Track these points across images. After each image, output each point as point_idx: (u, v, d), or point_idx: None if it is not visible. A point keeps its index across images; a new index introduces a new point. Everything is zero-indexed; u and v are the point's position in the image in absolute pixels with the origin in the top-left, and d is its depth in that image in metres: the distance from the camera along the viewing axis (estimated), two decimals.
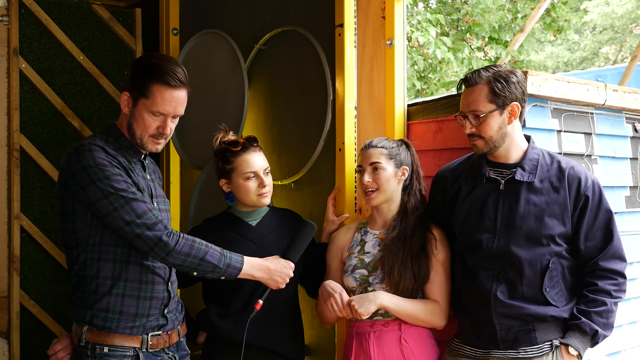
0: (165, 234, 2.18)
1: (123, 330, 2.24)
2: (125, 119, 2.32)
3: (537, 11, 8.17)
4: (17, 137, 3.72)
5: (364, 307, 2.43)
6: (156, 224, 2.18)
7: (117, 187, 2.17)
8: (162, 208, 2.38)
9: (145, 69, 2.27)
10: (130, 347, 2.24)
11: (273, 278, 2.41)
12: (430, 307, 2.52)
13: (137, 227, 2.16)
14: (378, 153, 2.58)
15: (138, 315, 2.26)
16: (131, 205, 2.17)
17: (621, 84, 7.17)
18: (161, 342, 2.31)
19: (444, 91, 8.90)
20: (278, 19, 3.37)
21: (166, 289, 2.33)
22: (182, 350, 2.45)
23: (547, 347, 2.36)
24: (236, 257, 2.33)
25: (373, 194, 2.57)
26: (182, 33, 3.84)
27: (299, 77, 3.27)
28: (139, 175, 2.32)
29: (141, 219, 2.16)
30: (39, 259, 3.78)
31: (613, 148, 3.07)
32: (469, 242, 2.47)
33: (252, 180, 2.64)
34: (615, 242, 2.40)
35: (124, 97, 2.29)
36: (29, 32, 3.80)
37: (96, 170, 2.17)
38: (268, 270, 2.40)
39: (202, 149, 3.60)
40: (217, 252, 2.28)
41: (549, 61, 17.34)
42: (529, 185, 2.40)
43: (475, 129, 2.40)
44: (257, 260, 2.40)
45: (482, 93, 2.37)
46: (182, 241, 2.21)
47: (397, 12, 2.89)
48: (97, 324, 2.23)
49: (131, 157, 2.32)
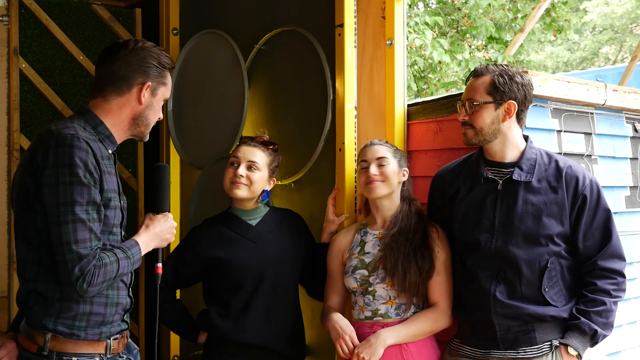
0: (89, 271, 2.02)
1: (92, 337, 2.14)
2: (129, 109, 2.20)
3: (537, 11, 8.18)
4: (17, 137, 3.73)
5: (375, 356, 2.45)
6: (87, 257, 2.01)
7: (75, 199, 2.01)
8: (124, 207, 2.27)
9: (161, 58, 2.24)
10: (95, 354, 2.15)
11: (164, 238, 2.29)
12: (432, 316, 2.52)
13: (70, 252, 2.00)
14: (384, 149, 2.63)
15: (105, 322, 2.16)
16: (76, 226, 2.01)
17: (621, 84, 7.18)
18: (121, 346, 2.25)
19: (443, 91, 8.90)
20: (278, 19, 3.37)
21: (128, 295, 2.26)
22: (134, 349, 2.40)
23: (546, 347, 2.36)
24: (134, 249, 2.19)
25: (376, 183, 2.57)
26: (182, 33, 3.84)
27: (299, 77, 3.27)
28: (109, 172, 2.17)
29: (77, 245, 2.00)
30: None
31: (613, 148, 3.08)
32: (467, 243, 2.47)
33: (232, 166, 2.69)
34: (614, 241, 2.40)
35: (145, 87, 2.19)
36: (29, 32, 3.80)
37: (67, 172, 2.02)
38: (156, 235, 2.27)
39: (202, 149, 3.60)
40: (124, 260, 2.14)
41: (549, 61, 17.35)
42: (526, 185, 2.40)
43: (468, 117, 2.41)
44: (144, 235, 2.25)
45: (483, 84, 2.40)
46: (96, 273, 2.04)
47: (397, 12, 2.89)
48: (63, 331, 2.09)
49: (107, 148, 2.19)
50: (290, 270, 2.73)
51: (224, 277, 2.66)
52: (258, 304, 2.65)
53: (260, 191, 2.71)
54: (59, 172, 2.02)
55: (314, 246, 2.82)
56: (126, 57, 2.20)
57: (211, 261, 2.64)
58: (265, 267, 2.65)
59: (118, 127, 2.20)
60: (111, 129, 2.19)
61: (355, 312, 2.61)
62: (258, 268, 2.65)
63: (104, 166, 2.11)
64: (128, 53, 2.20)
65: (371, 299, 2.55)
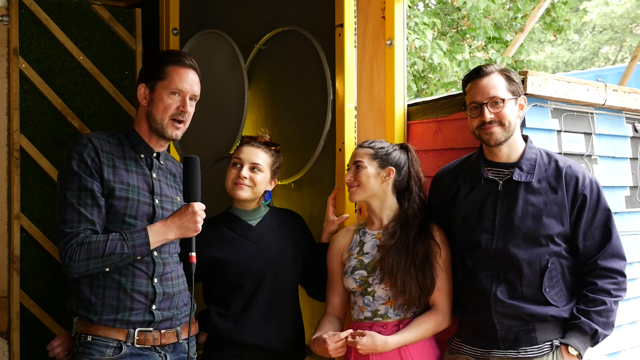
0: (70, 247, 2.20)
1: (106, 322, 2.27)
2: (143, 112, 2.41)
3: (537, 11, 8.18)
4: (17, 137, 3.72)
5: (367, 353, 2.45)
6: (70, 234, 2.22)
7: (68, 186, 2.25)
8: (165, 207, 2.40)
9: (156, 58, 2.42)
10: (114, 339, 2.27)
11: (186, 227, 2.31)
12: (435, 319, 2.51)
13: (59, 232, 2.24)
14: (363, 153, 2.61)
15: (120, 307, 2.28)
16: (65, 208, 2.24)
17: (621, 84, 7.18)
18: (150, 339, 2.31)
19: (443, 91, 8.90)
20: (278, 19, 3.37)
21: (151, 284, 2.32)
22: (181, 353, 2.42)
23: (547, 347, 2.36)
24: (138, 234, 2.27)
25: (352, 188, 2.61)
26: (182, 33, 3.84)
27: (299, 77, 3.27)
28: (135, 171, 2.36)
29: (64, 224, 2.23)
30: (39, 259, 3.77)
31: (613, 148, 3.08)
32: (468, 243, 2.47)
33: (235, 167, 2.68)
34: (614, 240, 2.40)
35: (140, 89, 2.39)
36: (29, 32, 3.79)
37: (65, 164, 2.28)
38: (176, 224, 2.32)
39: (202, 149, 3.60)
40: (117, 241, 2.24)
41: (549, 61, 17.35)
42: (527, 186, 2.40)
43: (494, 115, 2.38)
44: (159, 224, 2.32)
45: (500, 81, 2.39)
46: (78, 249, 2.21)
47: (397, 12, 2.89)
48: (83, 315, 2.28)
49: (139, 153, 2.40)
50: (290, 271, 2.73)
51: (224, 278, 2.66)
52: (258, 305, 2.65)
53: (262, 192, 2.72)
54: (62, 167, 2.30)
55: (314, 246, 2.82)
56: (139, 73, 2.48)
57: (211, 261, 2.64)
58: (265, 268, 2.65)
59: (145, 132, 2.42)
60: (142, 135, 2.42)
61: (355, 313, 2.61)
62: (258, 268, 2.65)
63: (110, 161, 2.31)
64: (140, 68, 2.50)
65: (371, 300, 2.55)
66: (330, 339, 2.45)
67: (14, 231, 3.69)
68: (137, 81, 2.43)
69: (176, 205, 2.45)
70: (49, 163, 3.79)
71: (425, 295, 2.50)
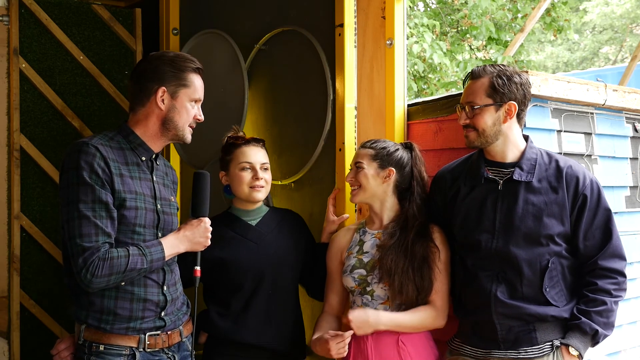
0: (92, 262, 2.14)
1: (118, 331, 2.25)
2: (153, 115, 2.34)
3: (537, 11, 8.19)
4: (17, 137, 3.72)
5: (362, 330, 2.46)
6: (90, 249, 2.15)
7: (80, 198, 2.17)
8: (165, 211, 2.38)
9: (176, 62, 2.35)
10: (126, 346, 2.26)
11: (197, 242, 2.36)
12: (428, 312, 2.51)
13: (75, 246, 2.15)
14: (363, 153, 2.61)
15: (132, 317, 2.26)
16: (80, 222, 2.16)
17: (621, 84, 7.18)
18: (159, 342, 2.32)
19: (443, 91, 8.90)
20: (278, 19, 3.37)
21: (161, 292, 2.33)
22: (184, 351, 2.44)
23: (547, 347, 2.36)
24: (155, 248, 2.27)
25: (354, 191, 2.62)
26: (182, 33, 3.85)
27: (299, 77, 3.28)
28: (139, 177, 2.32)
29: (81, 239, 2.15)
30: (39, 259, 3.78)
31: (613, 148, 3.08)
32: (468, 243, 2.47)
33: (247, 171, 2.67)
34: (615, 240, 2.40)
35: (159, 93, 2.31)
36: (29, 32, 3.80)
37: (74, 174, 2.19)
38: (188, 238, 2.35)
39: (202, 149, 3.60)
40: (137, 256, 2.22)
41: (549, 61, 17.35)
42: (527, 185, 2.40)
43: (469, 120, 2.41)
44: (172, 236, 2.34)
45: (482, 86, 2.39)
46: (101, 265, 2.16)
47: (397, 12, 2.89)
48: (93, 324, 2.25)
49: (140, 156, 2.35)
50: (290, 270, 2.73)
51: (224, 277, 2.66)
52: (258, 304, 2.65)
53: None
54: (68, 175, 2.20)
55: (313, 246, 2.82)
56: (142, 71, 2.36)
57: (211, 261, 2.64)
58: (265, 267, 2.66)
59: (150, 134, 2.36)
60: (143, 137, 2.35)
61: None
62: (258, 268, 2.65)
63: (117, 169, 2.25)
64: (145, 66, 2.36)
65: (369, 299, 2.54)
66: (333, 340, 2.45)
67: (14, 231, 3.69)
68: (150, 83, 2.32)
69: (172, 207, 2.44)
70: (49, 163, 3.80)
71: (423, 296, 2.50)
